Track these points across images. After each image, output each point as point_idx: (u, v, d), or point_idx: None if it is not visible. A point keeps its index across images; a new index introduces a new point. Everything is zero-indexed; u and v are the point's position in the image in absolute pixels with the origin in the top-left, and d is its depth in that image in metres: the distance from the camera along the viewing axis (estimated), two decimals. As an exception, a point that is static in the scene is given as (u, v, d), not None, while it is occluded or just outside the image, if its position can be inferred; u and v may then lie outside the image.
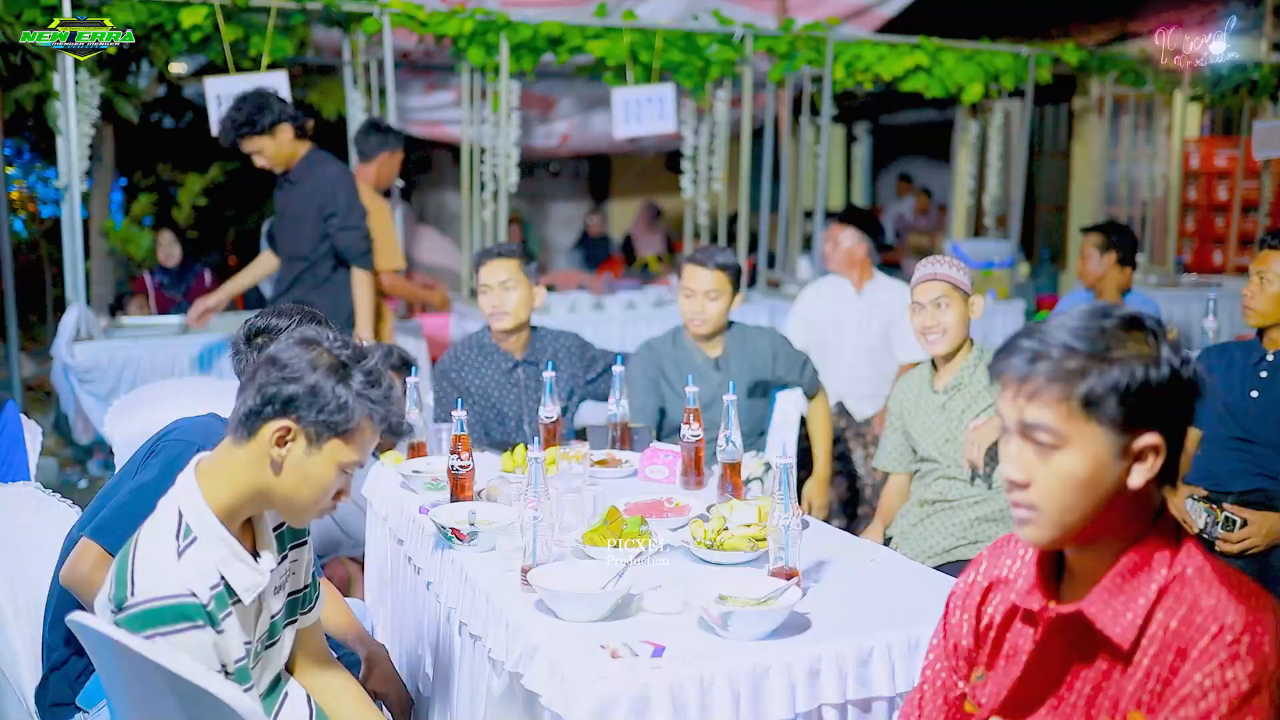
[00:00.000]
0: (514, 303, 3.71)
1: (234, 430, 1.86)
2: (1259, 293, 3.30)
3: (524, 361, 3.82)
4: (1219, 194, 9.95)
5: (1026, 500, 1.50)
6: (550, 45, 6.18)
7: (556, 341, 3.91)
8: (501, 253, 3.78)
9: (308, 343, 1.85)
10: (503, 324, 3.73)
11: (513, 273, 3.71)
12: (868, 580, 2.38)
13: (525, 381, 3.82)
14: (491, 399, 3.80)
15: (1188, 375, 1.45)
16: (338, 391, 1.80)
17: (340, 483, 1.87)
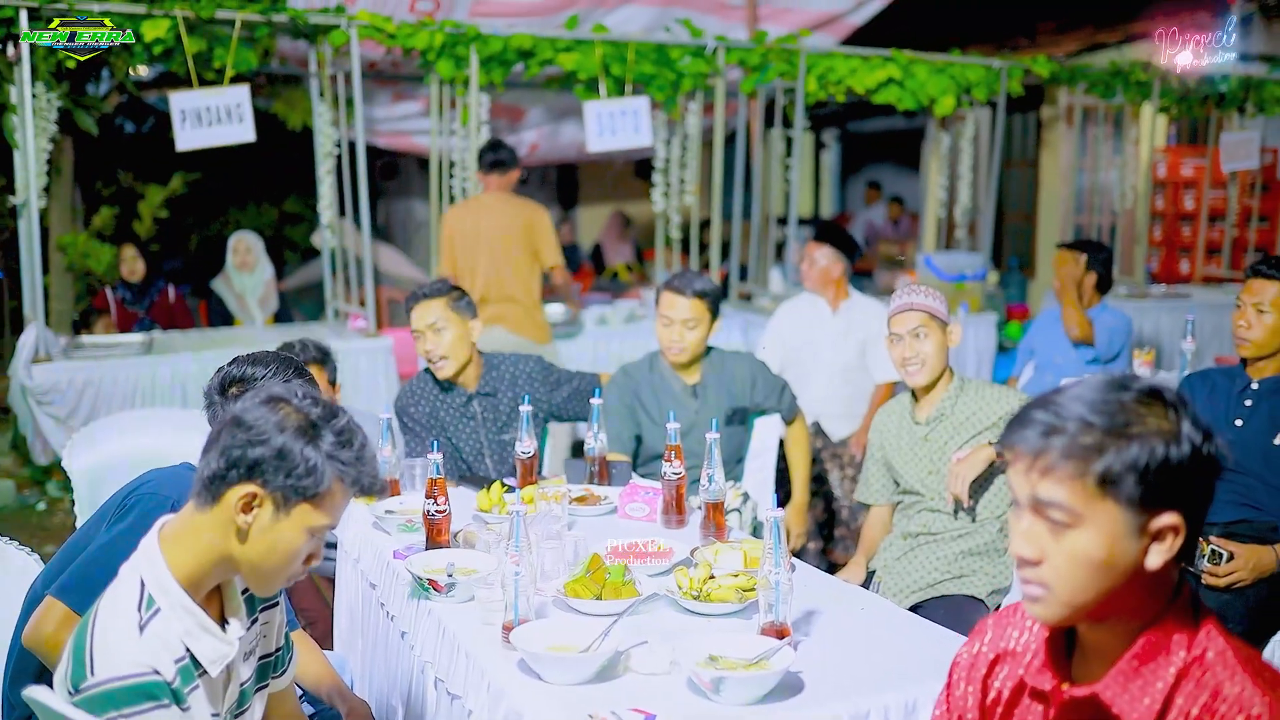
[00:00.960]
0: (447, 345, 3.57)
1: (197, 494, 1.75)
2: (1256, 324, 3.27)
3: (479, 394, 3.71)
4: (1186, 203, 10.00)
5: (1038, 578, 1.43)
6: (521, 58, 6.09)
7: (515, 368, 3.80)
8: (427, 294, 3.62)
9: (275, 401, 1.75)
10: (443, 371, 3.62)
11: (441, 312, 3.57)
12: (859, 633, 2.31)
13: (482, 414, 3.71)
14: (448, 434, 3.70)
15: (1208, 452, 1.38)
16: (307, 454, 1.70)
17: (310, 548, 1.77)
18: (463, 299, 3.64)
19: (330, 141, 6.08)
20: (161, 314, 6.68)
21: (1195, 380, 3.54)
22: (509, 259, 5.45)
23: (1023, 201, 11.33)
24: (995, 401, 3.30)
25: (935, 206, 8.08)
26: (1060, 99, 9.05)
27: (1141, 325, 7.47)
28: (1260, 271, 3.31)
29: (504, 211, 5.52)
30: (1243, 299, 3.33)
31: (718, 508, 2.83)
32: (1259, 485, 3.25)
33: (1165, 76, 8.17)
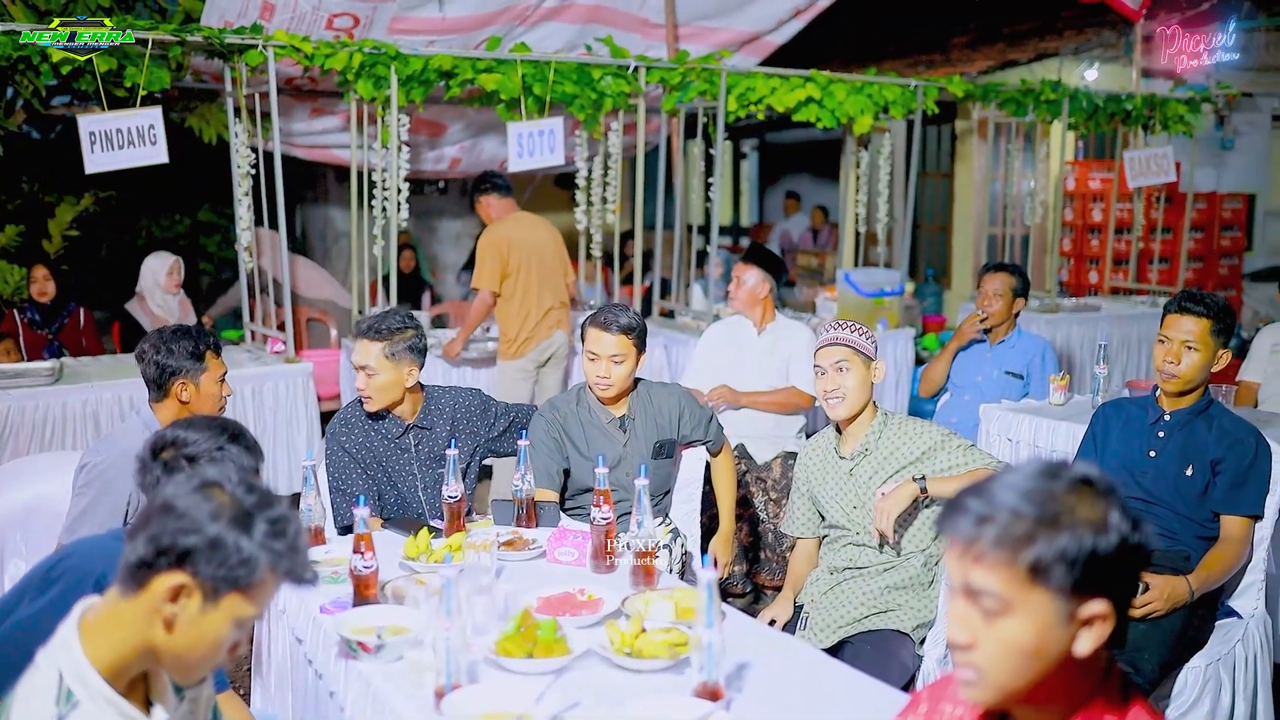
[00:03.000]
0: (375, 388, 3.51)
1: (122, 581, 1.69)
2: (1184, 360, 3.34)
3: (415, 426, 3.67)
4: (1094, 215, 10.27)
5: (970, 662, 1.46)
6: (441, 78, 6.03)
7: (454, 402, 3.76)
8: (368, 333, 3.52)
9: (208, 487, 1.70)
10: (368, 407, 3.56)
11: (375, 359, 3.49)
12: (793, 688, 2.33)
13: (417, 447, 3.67)
14: (383, 466, 3.65)
15: (1135, 541, 1.42)
16: (240, 544, 1.65)
17: (236, 636, 1.72)
18: (405, 344, 3.52)
19: (247, 163, 5.97)
20: (71, 338, 6.48)
21: (1110, 410, 3.62)
22: (557, 269, 6.09)
23: (938, 212, 11.53)
24: (918, 436, 3.36)
25: (853, 220, 8.19)
26: (974, 113, 9.20)
27: (1054, 335, 7.65)
28: (1186, 308, 3.37)
29: (540, 226, 6.11)
30: (1169, 335, 3.38)
31: (647, 554, 2.83)
32: (1171, 515, 3.35)
33: (1074, 94, 8.37)
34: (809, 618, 3.32)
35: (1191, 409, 3.40)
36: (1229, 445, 3.28)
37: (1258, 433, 3.32)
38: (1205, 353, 3.34)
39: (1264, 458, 3.28)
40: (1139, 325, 8.16)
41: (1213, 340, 3.34)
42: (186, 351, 3.19)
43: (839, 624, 3.26)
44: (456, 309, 8.59)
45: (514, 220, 6.00)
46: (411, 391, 3.61)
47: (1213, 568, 3.21)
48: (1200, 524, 3.32)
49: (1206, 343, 3.33)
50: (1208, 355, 3.35)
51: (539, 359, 5.99)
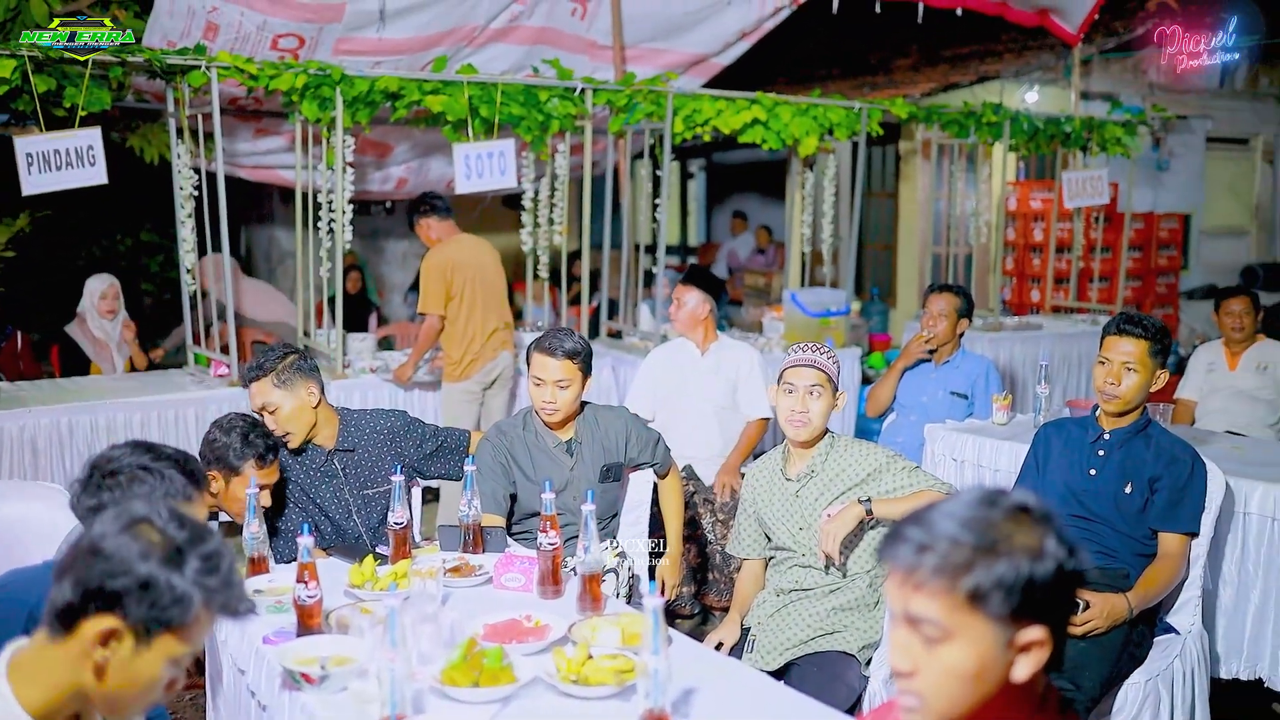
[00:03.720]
0: (285, 421, 3.50)
1: (49, 624, 1.64)
2: (1124, 381, 3.40)
3: (338, 450, 3.65)
4: (1035, 235, 10.43)
5: (912, 689, 1.48)
6: (387, 99, 6.01)
7: (374, 423, 3.74)
8: (251, 375, 3.52)
9: (136, 524, 1.64)
10: (291, 444, 3.55)
11: (268, 395, 3.48)
12: (739, 714, 2.33)
13: (344, 471, 3.65)
14: (312, 497, 3.62)
15: (1071, 567, 1.45)
16: (173, 583, 1.60)
17: (171, 674, 1.68)
18: (291, 368, 3.52)
19: (190, 184, 5.91)
20: (9, 362, 6.37)
21: (1051, 431, 3.68)
22: (499, 290, 6.10)
23: (883, 232, 11.65)
24: (863, 458, 3.39)
25: (799, 239, 8.25)
26: (917, 134, 9.34)
27: (997, 355, 7.76)
28: (1125, 330, 3.43)
29: (482, 248, 6.11)
30: (1109, 356, 3.44)
31: (594, 579, 2.83)
32: (1111, 533, 3.40)
33: (1015, 117, 8.51)
34: (756, 640, 3.33)
35: (1130, 428, 3.46)
36: (1166, 463, 3.34)
37: (1194, 451, 3.39)
38: (1144, 373, 3.40)
39: (1199, 476, 3.35)
40: (1079, 344, 8.29)
41: (1151, 361, 3.40)
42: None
43: (785, 646, 3.27)
44: (403, 330, 8.54)
45: (456, 242, 5.99)
46: (325, 416, 3.59)
47: (1151, 584, 3.26)
48: (1139, 541, 3.38)
49: (1145, 364, 3.40)
50: (1147, 376, 3.41)
51: (484, 381, 5.97)
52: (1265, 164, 13.30)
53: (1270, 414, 5.63)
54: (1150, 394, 3.48)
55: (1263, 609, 3.67)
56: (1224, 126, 12.63)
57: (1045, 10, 9.01)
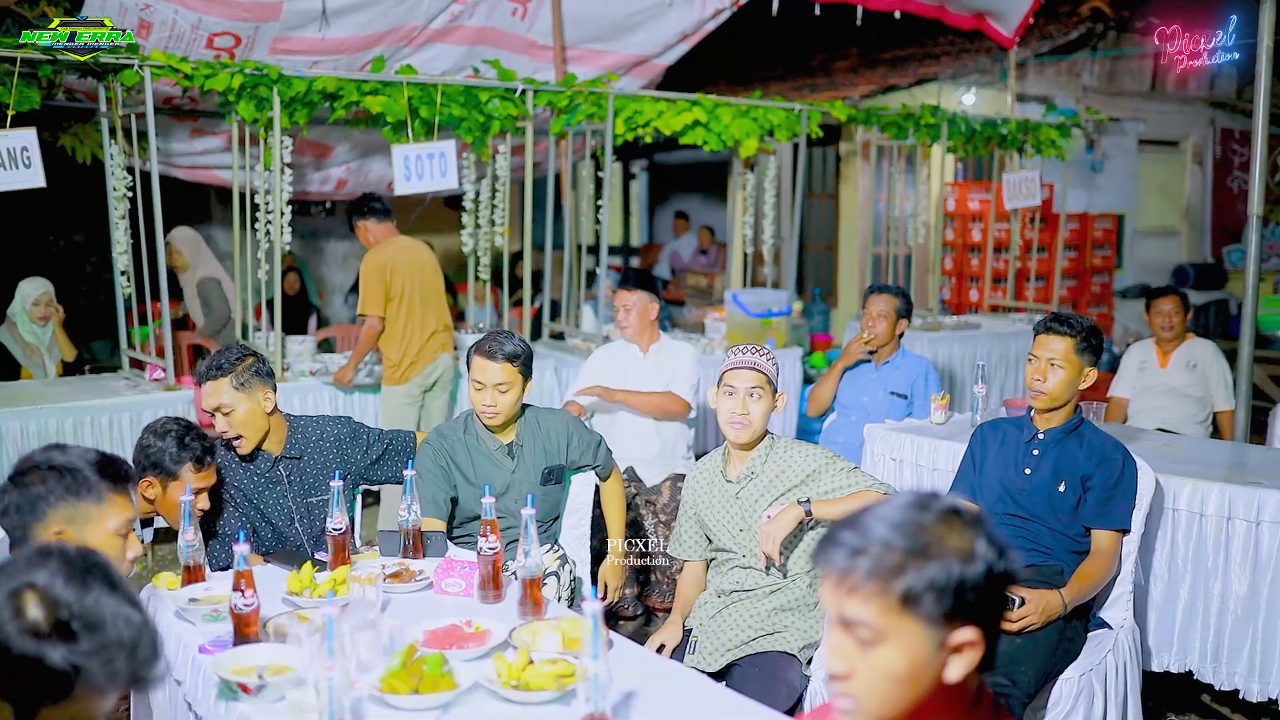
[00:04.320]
0: (239, 424, 3.46)
1: None
2: (1050, 377, 3.46)
3: (284, 457, 3.61)
4: (973, 235, 10.57)
5: (847, 691, 1.49)
6: (325, 100, 5.95)
7: (322, 430, 3.71)
8: (208, 374, 3.47)
9: (15, 595, 1.45)
10: (242, 449, 3.51)
11: (226, 395, 3.44)
12: (680, 717, 2.34)
13: (289, 478, 3.61)
14: (254, 503, 3.58)
15: (1001, 569, 1.47)
16: (52, 660, 1.42)
17: None
18: (249, 371, 3.48)
19: (124, 185, 5.81)
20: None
21: (987, 431, 3.73)
22: (438, 292, 6.07)
23: (824, 232, 11.74)
24: (803, 459, 3.41)
25: (741, 240, 8.29)
26: (857, 135, 9.42)
27: (936, 355, 7.85)
28: (1052, 328, 3.51)
29: (420, 250, 6.10)
30: (1037, 353, 3.51)
31: (534, 583, 2.83)
32: (1046, 531, 3.46)
33: (952, 119, 8.62)
34: (697, 641, 3.35)
35: (1063, 427, 3.52)
36: (1098, 462, 3.41)
37: (1125, 449, 3.45)
38: (1070, 370, 3.46)
39: (1130, 474, 3.42)
40: (1016, 343, 8.42)
41: (1078, 359, 3.47)
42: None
43: (727, 647, 3.29)
44: (344, 332, 8.46)
45: (394, 244, 5.96)
46: (276, 422, 3.56)
47: (1084, 580, 3.32)
48: (1073, 539, 3.43)
49: (1071, 361, 3.46)
50: (1073, 373, 3.47)
51: (424, 383, 5.94)
52: (1195, 165, 13.58)
53: (1200, 411, 5.75)
54: (1081, 392, 3.54)
55: (1191, 603, 3.75)
56: (1155, 129, 12.89)
57: (981, 14, 9.13)
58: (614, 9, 7.63)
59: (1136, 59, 12.47)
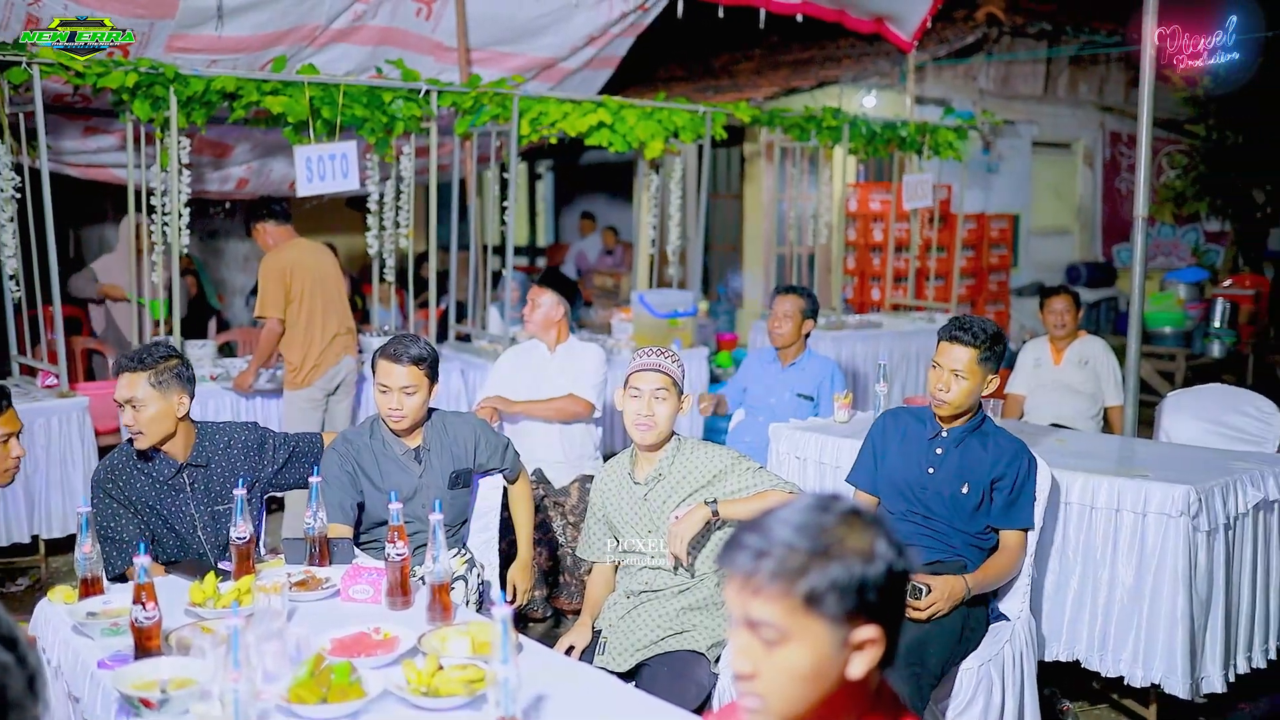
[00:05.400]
0: (145, 421, 3.38)
1: None
2: (953, 387, 3.52)
3: (189, 464, 3.54)
4: (875, 235, 10.77)
5: (753, 691, 1.53)
6: (224, 99, 5.84)
7: (229, 437, 3.65)
8: (131, 365, 3.40)
9: None
10: (139, 444, 3.44)
11: (142, 390, 3.37)
12: (589, 716, 2.36)
13: (192, 486, 3.54)
14: (156, 510, 3.51)
15: (901, 568, 1.51)
16: None
17: None
18: (170, 372, 3.42)
19: (10, 185, 5.63)
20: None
21: (889, 420, 3.78)
22: (340, 294, 6.00)
23: (729, 233, 11.85)
24: (709, 460, 3.45)
25: (647, 241, 8.34)
26: (761, 136, 9.53)
27: (839, 354, 7.99)
28: (957, 338, 3.54)
29: (321, 252, 6.05)
30: (940, 362, 3.55)
31: (443, 589, 2.82)
32: (949, 530, 3.54)
33: (853, 121, 8.78)
34: (607, 642, 3.37)
35: (966, 427, 3.59)
36: (1005, 464, 3.48)
37: (1027, 449, 3.54)
38: (973, 380, 3.52)
39: (1033, 473, 3.51)
40: (918, 341, 8.61)
41: (980, 368, 3.52)
42: None
43: (636, 647, 3.32)
44: (245, 335, 8.31)
45: (295, 246, 5.90)
46: (184, 428, 3.49)
47: (989, 571, 3.42)
48: (974, 536, 3.52)
49: (974, 371, 3.51)
50: (975, 382, 3.53)
51: (327, 387, 5.87)
52: (1086, 167, 14.01)
53: (1092, 406, 5.94)
54: (984, 395, 3.62)
55: (1080, 594, 3.87)
56: (1048, 131, 13.27)
57: (881, 18, 9.30)
58: (520, 12, 7.62)
59: (1030, 63, 12.83)
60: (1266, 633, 3.99)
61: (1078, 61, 13.30)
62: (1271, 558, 3.98)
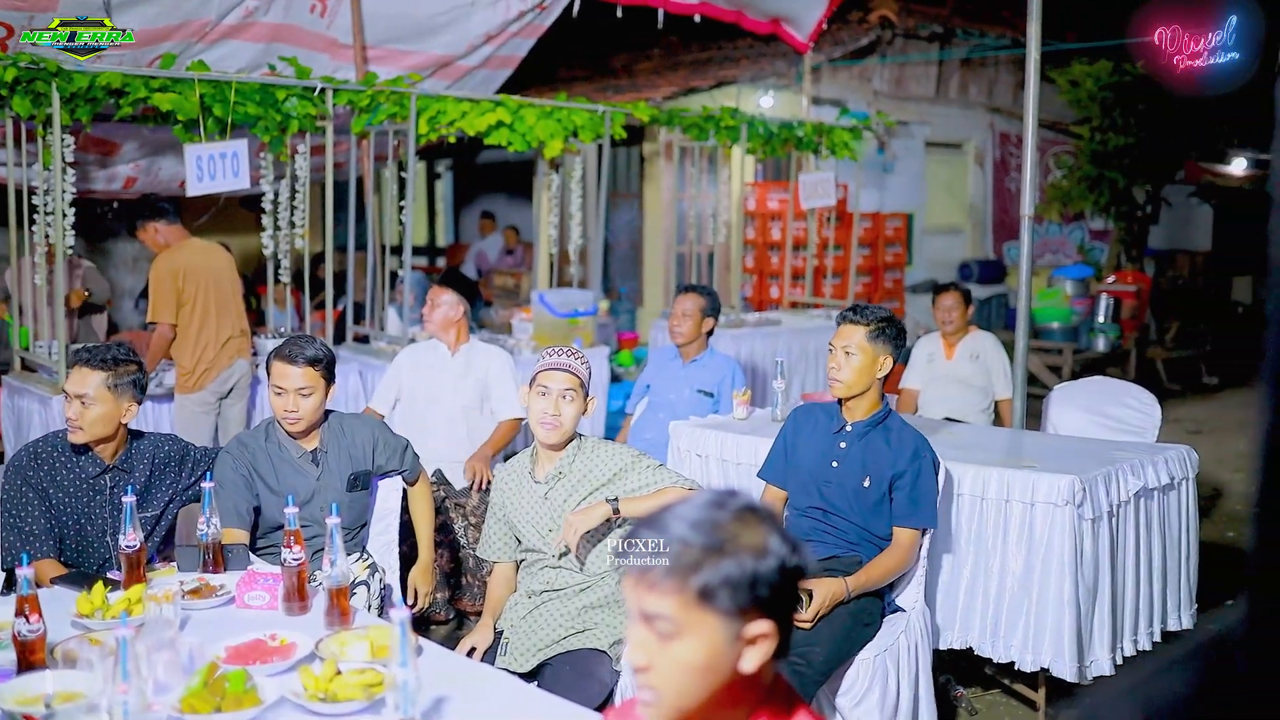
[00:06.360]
0: (90, 420, 3.35)
1: None
2: (845, 365, 3.60)
3: (114, 468, 3.48)
4: (773, 234, 10.90)
5: (648, 683, 1.55)
6: (111, 96, 5.67)
7: (155, 448, 3.59)
8: (90, 361, 3.38)
9: None
10: (75, 437, 3.38)
11: (96, 389, 3.34)
12: (490, 716, 2.36)
13: (112, 490, 3.47)
14: (71, 507, 3.42)
15: (793, 564, 1.55)
16: None
17: None
18: (128, 377, 3.40)
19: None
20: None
21: (801, 415, 3.84)
22: (234, 296, 5.89)
23: (630, 232, 11.89)
24: (609, 458, 3.47)
25: (547, 240, 8.33)
26: (660, 136, 9.58)
27: (739, 351, 8.07)
28: (847, 318, 3.64)
29: (214, 252, 5.95)
30: (834, 344, 3.64)
31: (341, 593, 2.79)
32: (850, 526, 3.60)
33: (751, 121, 8.87)
34: (509, 643, 3.37)
35: (870, 420, 3.65)
36: (906, 461, 3.55)
37: (929, 447, 3.60)
38: (864, 357, 3.60)
39: (933, 470, 3.59)
40: (816, 338, 8.73)
41: (870, 346, 3.60)
42: None
43: (538, 646, 3.32)
44: (135, 339, 8.09)
45: (187, 247, 5.77)
46: (122, 435, 3.46)
47: (873, 571, 3.47)
48: (873, 532, 3.58)
49: (864, 349, 3.60)
50: (866, 360, 3.60)
51: (220, 390, 5.75)
52: (977, 167, 14.37)
53: (983, 399, 6.10)
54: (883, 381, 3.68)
55: (972, 584, 3.98)
56: (940, 132, 13.58)
57: (778, 19, 9.43)
58: (416, 9, 7.54)
59: (923, 65, 13.11)
60: (1151, 616, 4.14)
61: (968, 64, 13.63)
62: (1154, 543, 4.14)
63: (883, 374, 3.65)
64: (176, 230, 5.75)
